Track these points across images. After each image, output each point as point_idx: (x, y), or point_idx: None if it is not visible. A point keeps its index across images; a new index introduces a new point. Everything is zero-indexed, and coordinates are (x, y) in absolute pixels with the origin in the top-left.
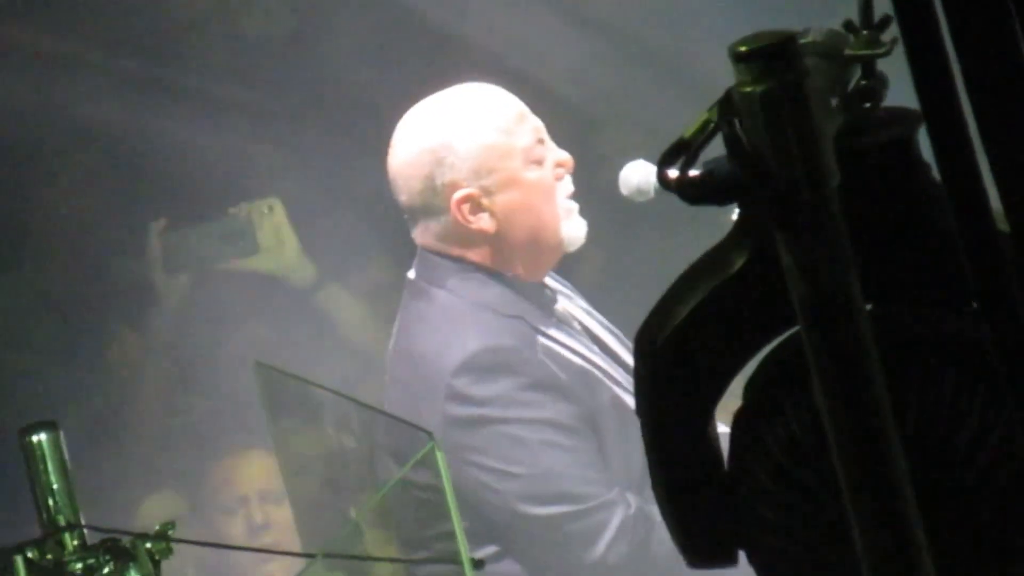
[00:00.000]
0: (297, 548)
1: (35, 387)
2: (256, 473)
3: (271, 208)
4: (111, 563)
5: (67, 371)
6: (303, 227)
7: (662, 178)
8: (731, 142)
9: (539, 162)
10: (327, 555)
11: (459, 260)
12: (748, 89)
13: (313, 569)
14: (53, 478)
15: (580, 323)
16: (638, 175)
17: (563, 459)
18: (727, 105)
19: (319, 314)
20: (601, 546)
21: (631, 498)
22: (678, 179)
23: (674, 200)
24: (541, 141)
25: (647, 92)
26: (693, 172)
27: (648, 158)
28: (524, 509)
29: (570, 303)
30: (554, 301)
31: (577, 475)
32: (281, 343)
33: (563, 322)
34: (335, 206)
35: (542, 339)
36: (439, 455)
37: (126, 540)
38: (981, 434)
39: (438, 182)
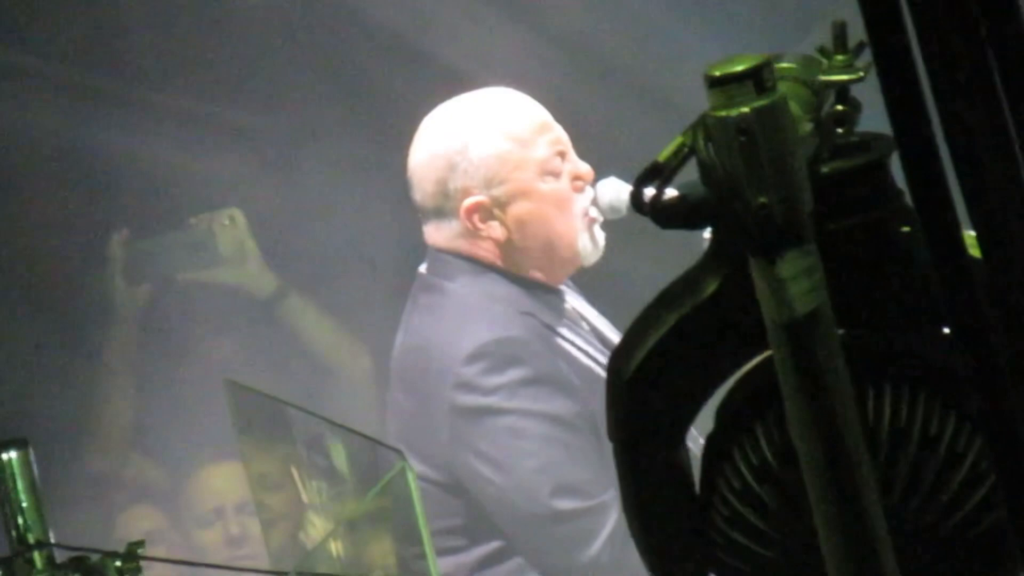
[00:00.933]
0: (269, 564)
1: (1, 402)
2: (232, 485)
3: (232, 219)
4: None
5: (33, 385)
6: (266, 238)
7: (636, 201)
8: (705, 167)
9: (556, 174)
10: (299, 573)
11: (471, 259)
12: (722, 114)
13: None
14: (23, 496)
15: (589, 323)
16: (610, 192)
17: (563, 456)
18: (701, 129)
19: (281, 326)
20: (596, 546)
21: None
22: (652, 202)
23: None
24: (562, 154)
25: (617, 109)
26: (667, 195)
27: (620, 175)
28: (520, 503)
29: (579, 303)
30: (564, 301)
31: (576, 473)
32: (244, 355)
33: (573, 322)
34: (299, 218)
35: (553, 336)
36: (410, 475)
37: (95, 558)
38: (950, 463)
39: (450, 187)
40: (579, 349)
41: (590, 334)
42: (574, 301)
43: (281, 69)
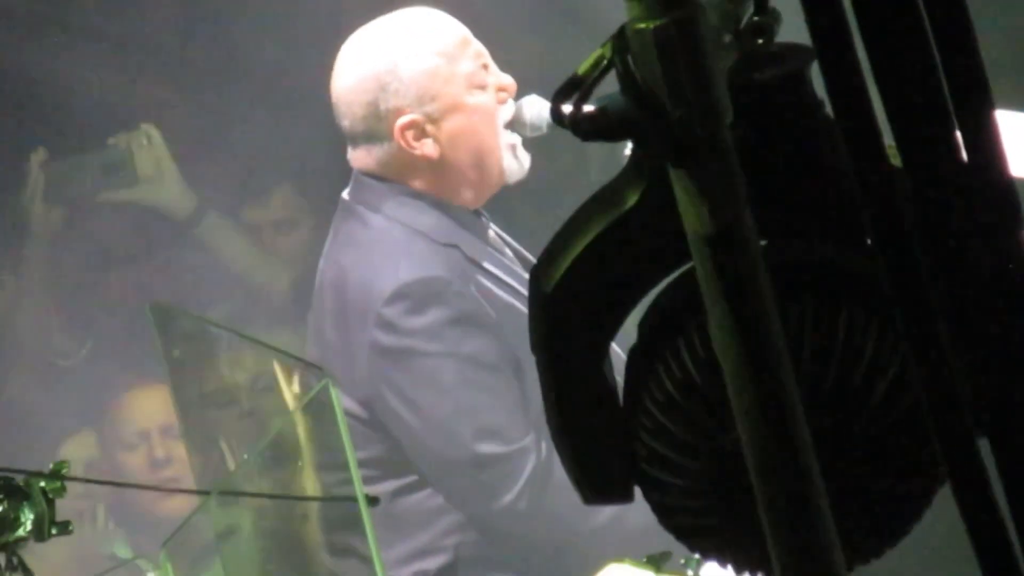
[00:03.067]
0: (193, 486)
1: None
2: (155, 408)
3: (149, 138)
4: (4, 502)
5: None
6: (186, 159)
7: (556, 114)
8: (624, 79)
9: (482, 87)
10: (222, 492)
11: (397, 184)
12: (641, 25)
13: (207, 505)
14: None
15: (512, 248)
16: (531, 110)
17: (484, 399)
18: (620, 41)
19: (202, 247)
20: (514, 491)
21: (544, 444)
22: (571, 115)
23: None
24: (485, 66)
25: (540, 27)
26: (587, 108)
27: (541, 93)
28: (440, 447)
29: (500, 231)
30: (487, 227)
31: (497, 417)
32: (163, 276)
33: (497, 250)
34: (220, 139)
35: (475, 271)
36: (333, 392)
37: (20, 479)
38: (874, 371)
39: (382, 108)
40: (502, 284)
41: (514, 261)
42: (496, 228)
43: None
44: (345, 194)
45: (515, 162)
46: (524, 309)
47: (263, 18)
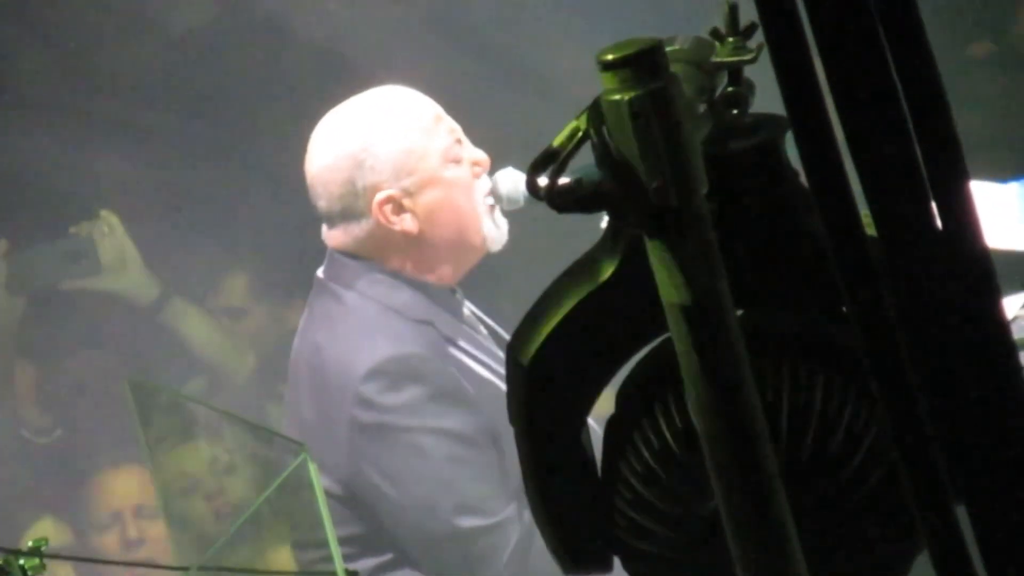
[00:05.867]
0: (171, 563)
1: None
2: (127, 489)
3: (111, 226)
4: None
5: None
6: (147, 243)
7: (531, 187)
8: (599, 150)
9: (457, 161)
10: (201, 568)
11: (370, 262)
12: (616, 97)
13: None
14: None
15: (487, 325)
16: (507, 183)
17: (464, 473)
18: (595, 113)
19: (166, 331)
20: (500, 564)
21: (526, 513)
22: (547, 188)
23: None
24: (459, 141)
25: (514, 101)
26: (562, 180)
27: (517, 166)
28: (422, 522)
29: (474, 308)
30: (462, 304)
31: (478, 491)
32: (128, 362)
33: (471, 327)
34: (181, 221)
35: (450, 347)
36: (311, 467)
37: None
38: (851, 439)
39: (359, 185)
40: (477, 360)
41: (488, 339)
42: (470, 304)
43: (163, 68)
44: (320, 272)
45: (495, 230)
46: (500, 383)
47: (228, 95)
